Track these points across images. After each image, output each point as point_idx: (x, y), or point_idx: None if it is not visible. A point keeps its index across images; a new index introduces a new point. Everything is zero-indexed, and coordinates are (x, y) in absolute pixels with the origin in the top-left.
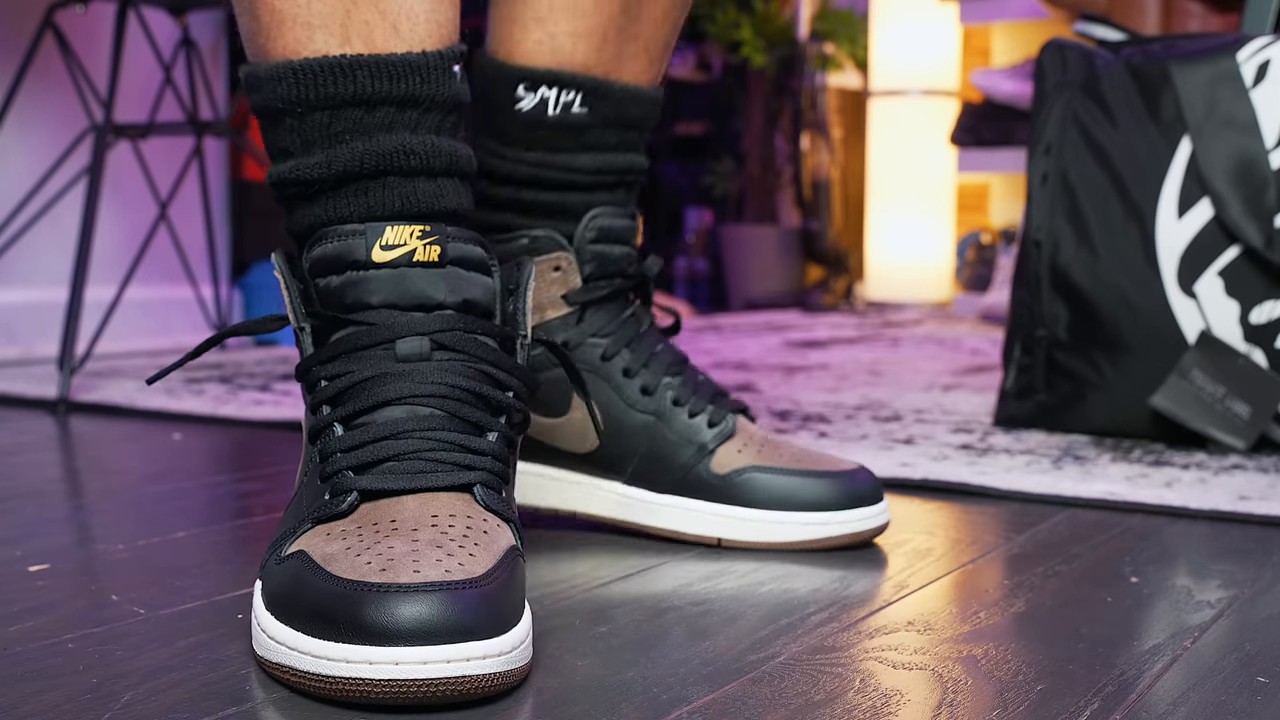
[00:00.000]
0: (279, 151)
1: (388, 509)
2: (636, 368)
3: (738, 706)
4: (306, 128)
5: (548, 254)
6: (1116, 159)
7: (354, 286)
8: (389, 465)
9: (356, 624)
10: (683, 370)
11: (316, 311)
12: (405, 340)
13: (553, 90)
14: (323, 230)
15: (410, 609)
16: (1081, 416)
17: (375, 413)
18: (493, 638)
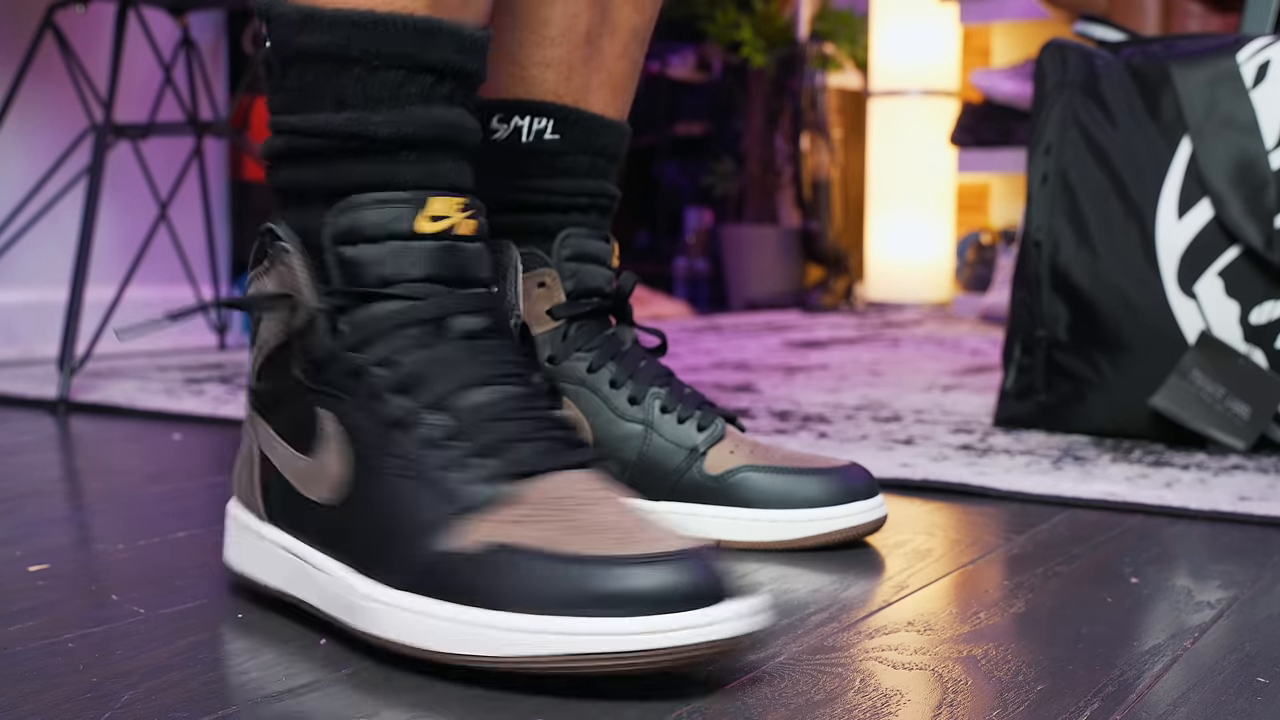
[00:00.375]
0: (332, 100)
1: (549, 489)
2: (623, 379)
3: (738, 706)
4: (376, 83)
5: (531, 270)
6: (1116, 159)
7: (396, 257)
8: (523, 448)
9: (635, 596)
10: (669, 381)
11: (340, 289)
12: (464, 318)
13: (525, 118)
14: (357, 196)
15: (684, 575)
16: (1081, 417)
17: (460, 396)
18: (742, 599)
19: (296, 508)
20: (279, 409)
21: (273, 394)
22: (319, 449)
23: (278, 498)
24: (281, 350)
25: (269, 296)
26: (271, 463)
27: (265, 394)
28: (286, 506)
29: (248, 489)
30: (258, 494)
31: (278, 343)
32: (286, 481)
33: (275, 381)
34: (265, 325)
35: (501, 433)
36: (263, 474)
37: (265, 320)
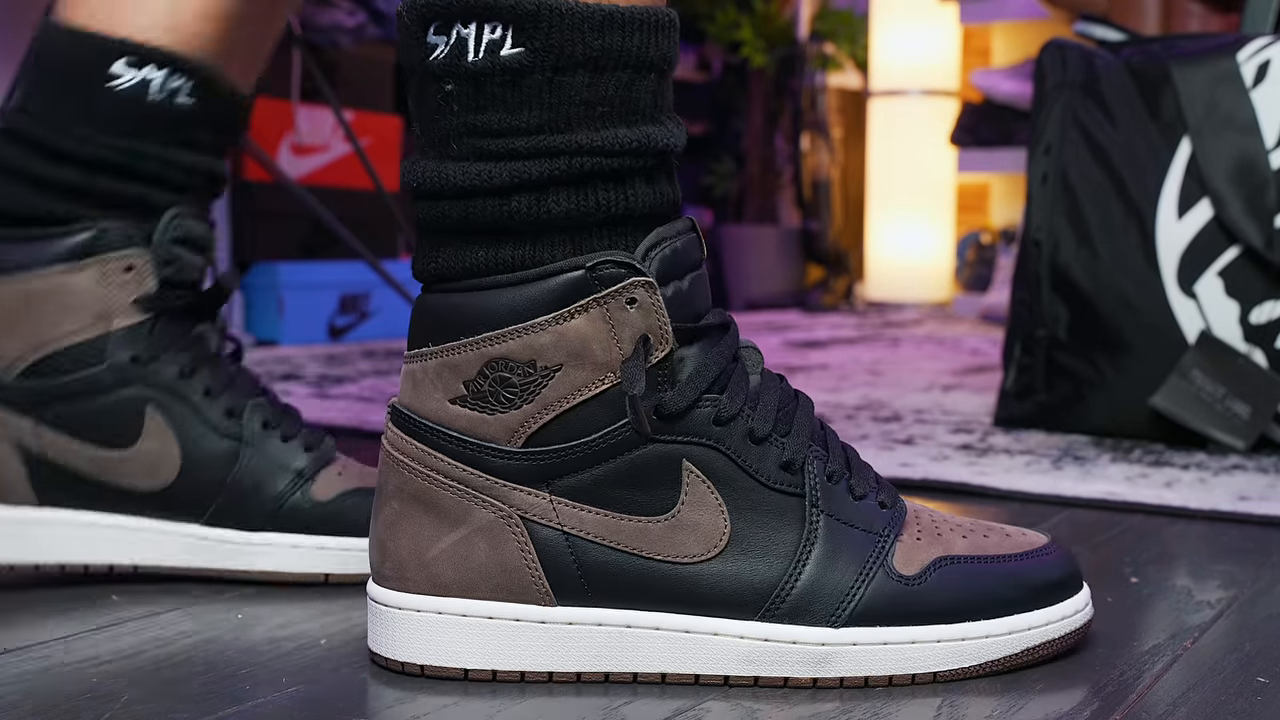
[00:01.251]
0: (587, 113)
1: (907, 503)
2: (219, 388)
3: (739, 706)
4: (643, 89)
5: (117, 251)
6: (1116, 159)
7: (701, 285)
8: (860, 465)
9: (1065, 581)
10: (266, 394)
11: (684, 328)
12: (743, 343)
13: (160, 71)
14: (664, 228)
15: (1069, 563)
16: (1081, 416)
17: (796, 423)
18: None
19: (637, 577)
20: (598, 468)
21: (583, 458)
22: (685, 505)
23: (597, 572)
24: (585, 406)
25: (640, 347)
26: (589, 540)
27: (569, 460)
28: (618, 578)
29: (519, 578)
30: (541, 578)
31: (584, 398)
32: (624, 554)
33: (576, 439)
34: (564, 378)
35: (845, 454)
36: (553, 559)
37: (564, 373)
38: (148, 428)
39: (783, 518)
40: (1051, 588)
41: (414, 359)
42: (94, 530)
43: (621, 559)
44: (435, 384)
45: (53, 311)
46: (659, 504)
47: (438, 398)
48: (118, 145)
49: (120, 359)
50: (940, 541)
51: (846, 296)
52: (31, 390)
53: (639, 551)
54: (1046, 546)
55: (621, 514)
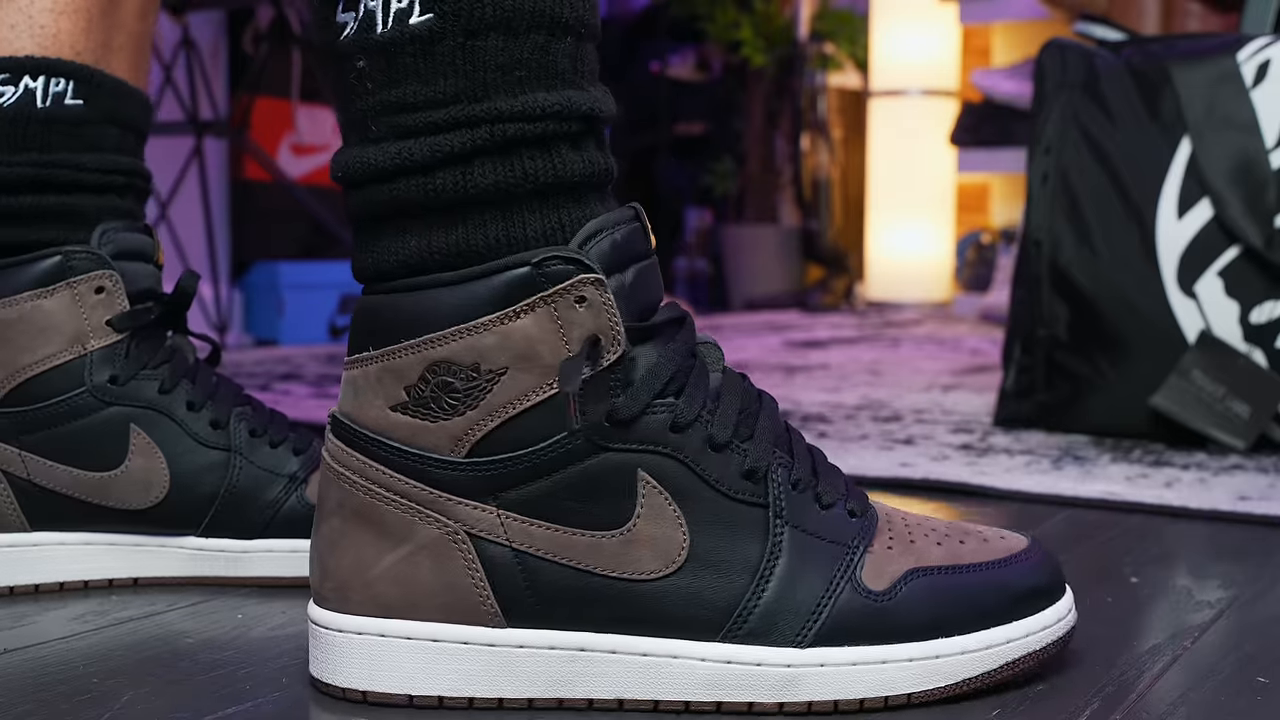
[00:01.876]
0: (504, 78)
1: (879, 509)
2: (201, 400)
3: (739, 706)
4: (525, 49)
5: (86, 274)
6: (1116, 159)
7: (646, 282)
8: (831, 472)
9: (1046, 588)
10: (250, 401)
11: (635, 326)
12: (701, 339)
13: (39, 80)
14: (601, 209)
15: (1050, 569)
16: (1081, 416)
17: (759, 426)
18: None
19: (592, 597)
20: (548, 479)
21: (531, 468)
22: (641, 519)
23: (549, 591)
24: (532, 413)
25: (589, 346)
26: (539, 558)
27: (517, 471)
28: (571, 597)
29: (466, 598)
30: (490, 597)
31: (531, 404)
32: (577, 571)
33: (524, 449)
34: (509, 382)
35: (811, 459)
36: (502, 577)
37: (510, 377)
38: (133, 447)
39: (745, 530)
40: (1032, 595)
41: (354, 364)
42: (90, 548)
43: (574, 577)
44: (376, 390)
45: (27, 338)
46: (613, 518)
47: (378, 405)
48: (24, 161)
49: (99, 380)
50: (913, 550)
51: (846, 296)
52: (12, 418)
53: (593, 569)
54: (1027, 550)
55: (573, 529)
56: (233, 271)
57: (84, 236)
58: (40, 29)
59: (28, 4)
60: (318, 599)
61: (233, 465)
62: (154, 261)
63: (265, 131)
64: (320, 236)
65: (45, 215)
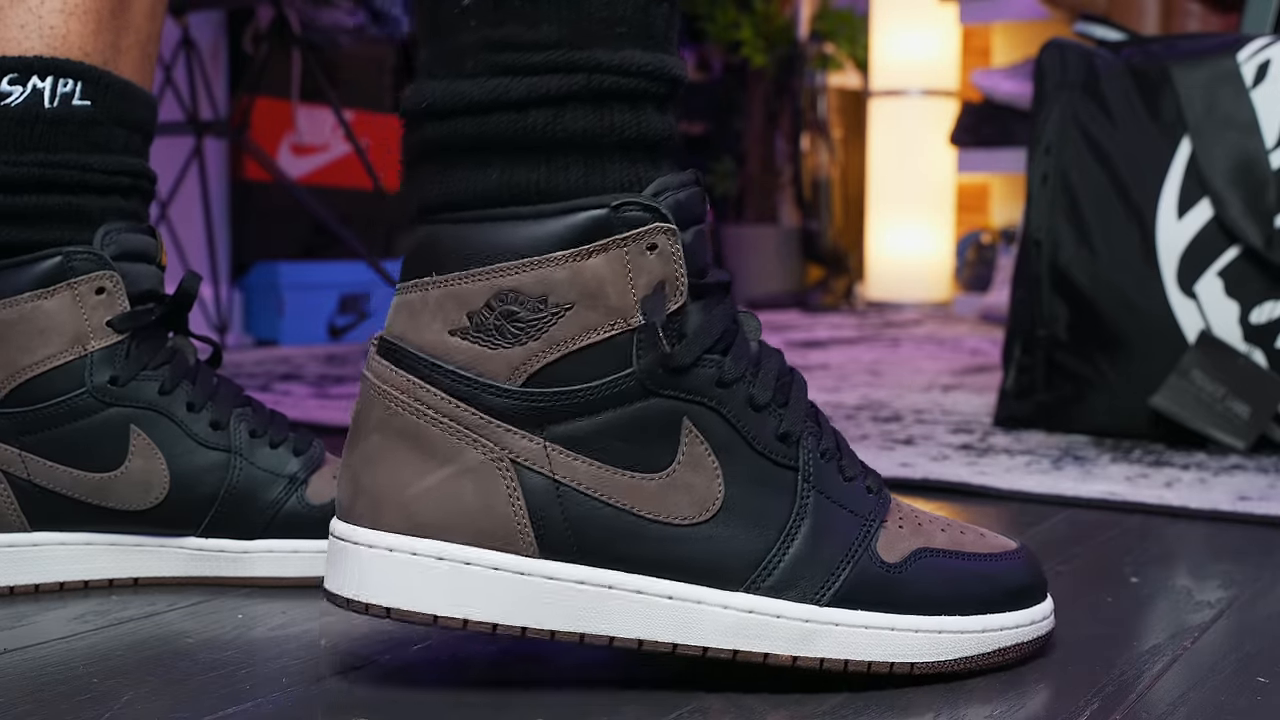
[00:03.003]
0: (605, 32)
1: (885, 490)
2: (202, 400)
3: (739, 706)
4: (628, 8)
5: (86, 275)
6: (1116, 159)
7: (703, 241)
8: (845, 447)
9: (1031, 589)
10: (250, 402)
11: (695, 282)
12: (740, 310)
13: (46, 80)
14: (672, 173)
15: (1036, 568)
16: (1081, 416)
17: (794, 395)
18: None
19: (626, 536)
20: (598, 417)
21: (583, 403)
22: (681, 465)
23: (585, 526)
24: (592, 349)
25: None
26: (580, 492)
27: (569, 405)
28: (605, 535)
29: (504, 524)
30: (528, 526)
31: (592, 341)
32: (614, 509)
33: (579, 384)
34: (574, 317)
35: (835, 436)
36: (541, 508)
37: (575, 312)
38: (133, 447)
39: (776, 489)
40: (1022, 592)
41: (412, 289)
42: (91, 548)
43: (611, 515)
44: (435, 314)
45: (27, 338)
46: (655, 461)
47: (436, 328)
48: (30, 160)
49: (99, 381)
50: (921, 533)
51: (846, 296)
52: (12, 418)
53: (630, 508)
54: (1017, 551)
55: (616, 468)
56: (233, 272)
57: (87, 237)
58: (50, 29)
59: (37, 4)
60: (345, 514)
61: (233, 466)
62: (157, 263)
63: (265, 131)
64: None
65: (50, 215)
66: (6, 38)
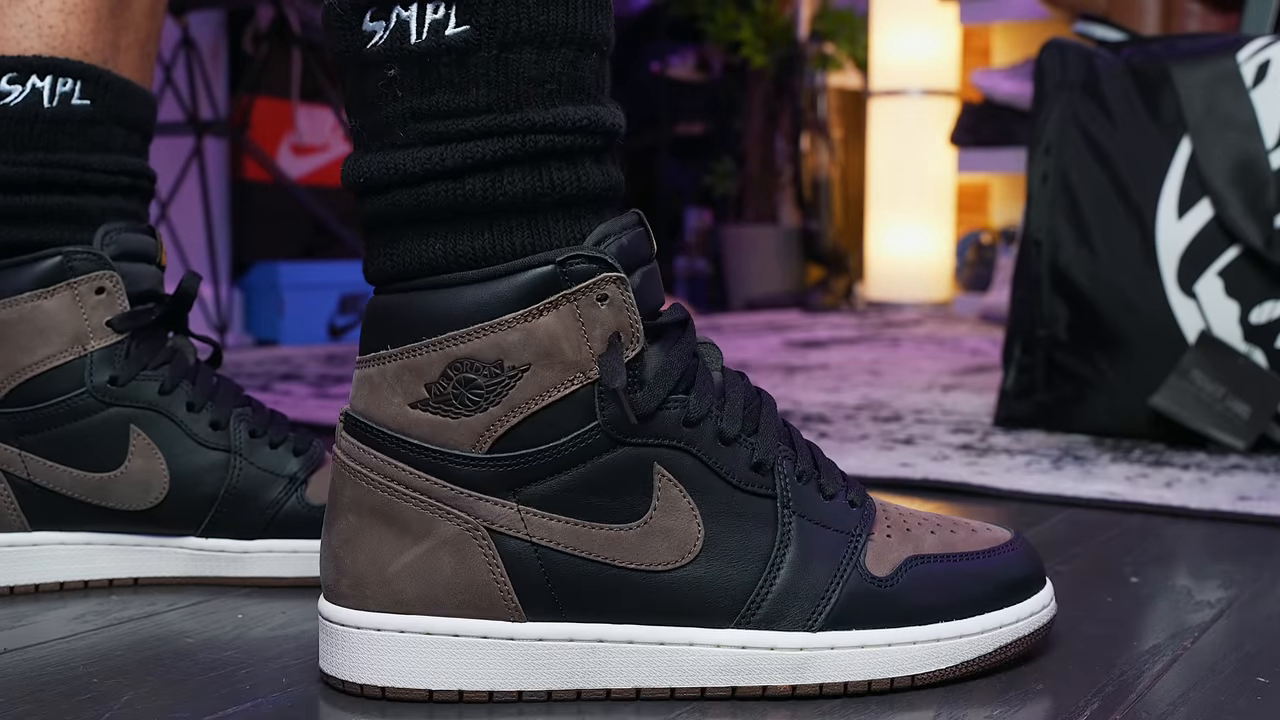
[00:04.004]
0: (556, 91)
1: (870, 500)
2: (201, 400)
3: (739, 705)
4: (586, 68)
5: (86, 274)
6: (1116, 159)
7: (653, 281)
8: (827, 464)
9: (1028, 579)
10: (250, 402)
11: (652, 324)
12: (700, 340)
13: (45, 79)
14: (616, 217)
15: (1033, 560)
16: (1081, 416)
17: (763, 421)
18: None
19: (611, 588)
20: (567, 474)
21: (552, 463)
22: (657, 511)
23: (569, 584)
24: (554, 408)
25: (613, 349)
26: (559, 551)
27: (538, 466)
28: (589, 589)
29: (487, 593)
30: (510, 592)
31: (553, 399)
32: (596, 564)
33: (545, 444)
34: (532, 378)
35: (811, 453)
36: (521, 572)
37: (533, 373)
38: (133, 447)
39: (755, 521)
40: (1018, 585)
41: (369, 363)
42: (91, 548)
43: (593, 569)
44: (395, 388)
45: (27, 338)
46: (630, 511)
47: (397, 402)
48: (30, 160)
49: (99, 381)
50: (910, 539)
51: (846, 296)
52: (12, 418)
53: (611, 561)
54: (1011, 542)
55: (592, 522)
56: (233, 272)
57: (87, 237)
58: (49, 29)
59: (36, 4)
60: (332, 596)
61: (233, 466)
62: (157, 262)
63: (265, 131)
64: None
65: (49, 215)
66: (5, 37)
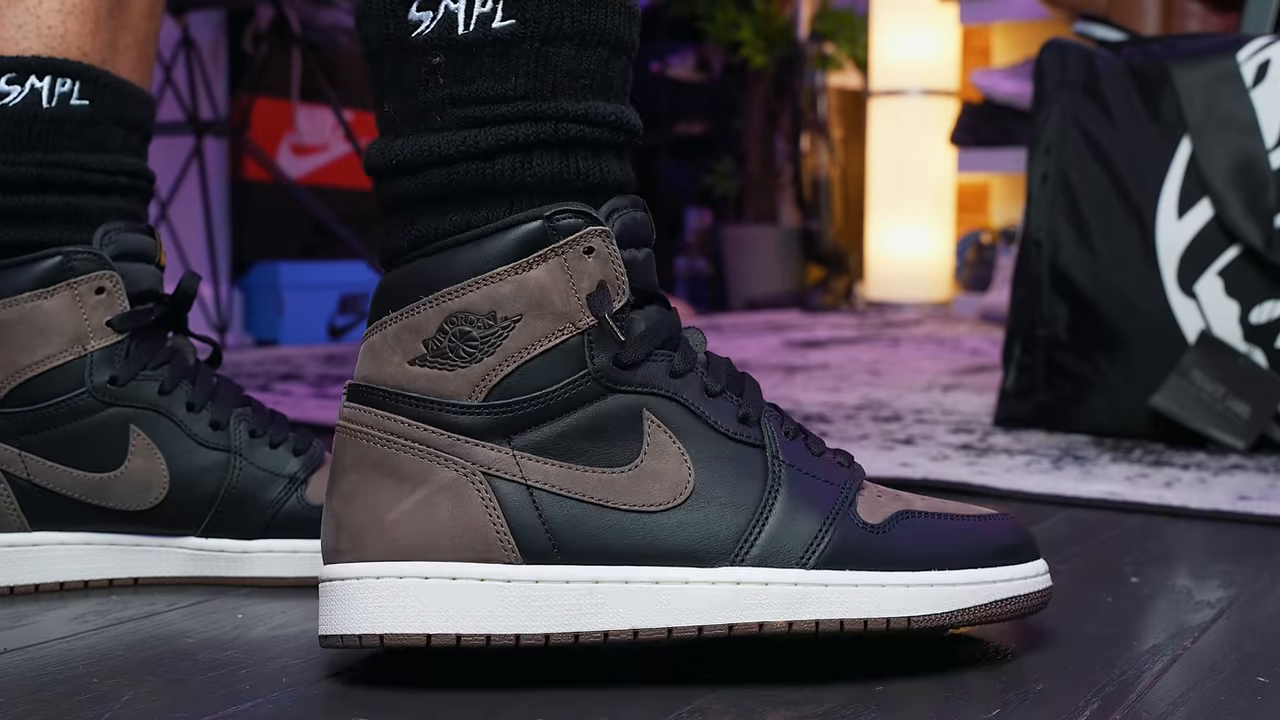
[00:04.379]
0: (590, 87)
1: (858, 464)
2: (201, 400)
3: (739, 706)
4: (619, 69)
5: (86, 274)
6: (1116, 159)
7: (651, 265)
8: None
9: (1022, 548)
10: (250, 402)
11: (637, 289)
12: (685, 328)
13: (44, 80)
14: (620, 199)
15: (1023, 531)
16: (1081, 416)
17: (748, 385)
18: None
19: (605, 529)
20: (560, 421)
21: (545, 409)
22: (647, 455)
23: (564, 526)
24: (546, 357)
25: (598, 287)
26: (554, 493)
27: (531, 413)
28: (584, 531)
29: (484, 535)
30: (508, 534)
31: (544, 349)
32: (590, 505)
33: (538, 391)
34: (524, 328)
35: (796, 423)
36: (518, 514)
37: (524, 323)
38: (133, 447)
39: (745, 466)
40: (1011, 550)
41: (374, 331)
42: (91, 548)
43: (587, 511)
44: (395, 348)
45: (27, 338)
46: (622, 455)
47: (396, 361)
48: (29, 160)
49: (99, 381)
50: (900, 499)
51: (846, 296)
52: (12, 418)
53: (605, 502)
54: (1002, 515)
55: (585, 466)
56: (233, 271)
57: (86, 237)
58: (48, 29)
59: (35, 4)
60: (331, 557)
61: (233, 466)
62: (156, 262)
63: (265, 131)
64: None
65: (48, 215)
66: (4, 37)
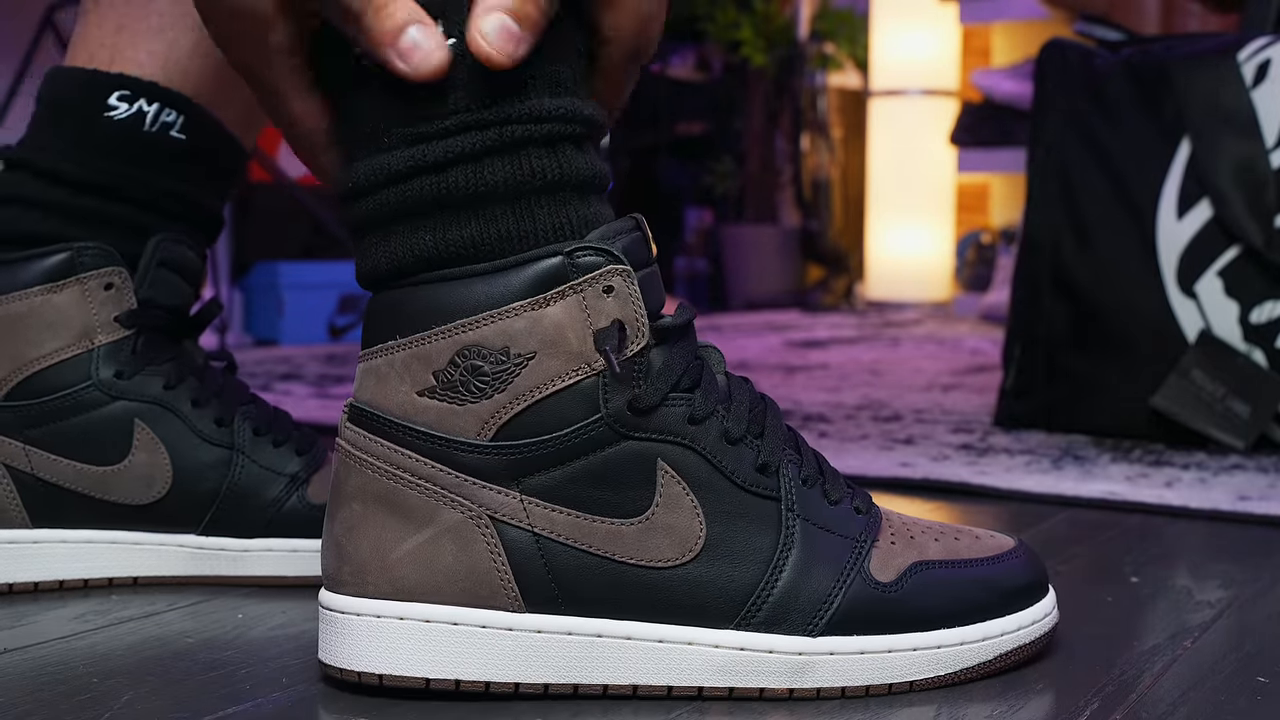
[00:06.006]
0: (515, 89)
1: (876, 508)
2: (206, 397)
3: (740, 705)
4: (535, 65)
5: (95, 270)
6: (1116, 159)
7: (653, 284)
8: (828, 469)
9: (1033, 586)
10: (255, 400)
11: (657, 325)
12: (701, 344)
13: (153, 105)
14: (589, 193)
15: (1035, 567)
16: (1081, 416)
17: (770, 424)
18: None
19: (611, 583)
20: (570, 465)
21: (555, 453)
22: (659, 508)
23: (569, 576)
24: (558, 397)
25: (612, 328)
26: (560, 543)
27: (541, 456)
28: (590, 583)
29: (488, 581)
30: (511, 582)
31: (557, 389)
32: (596, 558)
33: (548, 433)
34: (537, 366)
35: (817, 459)
36: (523, 562)
37: (538, 361)
38: (137, 442)
39: (758, 522)
40: (1021, 592)
41: (377, 354)
42: (91, 546)
43: (593, 563)
44: (403, 376)
45: (34, 332)
46: (632, 505)
47: (404, 390)
48: (108, 169)
49: (105, 375)
50: (914, 545)
51: (846, 296)
52: (17, 412)
53: (612, 555)
54: (1015, 550)
55: (594, 515)
56: (233, 272)
57: (131, 246)
58: (174, 64)
59: (174, 40)
60: (332, 585)
61: (235, 463)
62: (196, 285)
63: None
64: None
65: (102, 219)
66: (134, 59)
